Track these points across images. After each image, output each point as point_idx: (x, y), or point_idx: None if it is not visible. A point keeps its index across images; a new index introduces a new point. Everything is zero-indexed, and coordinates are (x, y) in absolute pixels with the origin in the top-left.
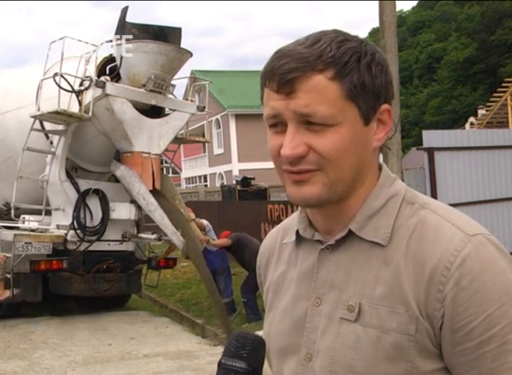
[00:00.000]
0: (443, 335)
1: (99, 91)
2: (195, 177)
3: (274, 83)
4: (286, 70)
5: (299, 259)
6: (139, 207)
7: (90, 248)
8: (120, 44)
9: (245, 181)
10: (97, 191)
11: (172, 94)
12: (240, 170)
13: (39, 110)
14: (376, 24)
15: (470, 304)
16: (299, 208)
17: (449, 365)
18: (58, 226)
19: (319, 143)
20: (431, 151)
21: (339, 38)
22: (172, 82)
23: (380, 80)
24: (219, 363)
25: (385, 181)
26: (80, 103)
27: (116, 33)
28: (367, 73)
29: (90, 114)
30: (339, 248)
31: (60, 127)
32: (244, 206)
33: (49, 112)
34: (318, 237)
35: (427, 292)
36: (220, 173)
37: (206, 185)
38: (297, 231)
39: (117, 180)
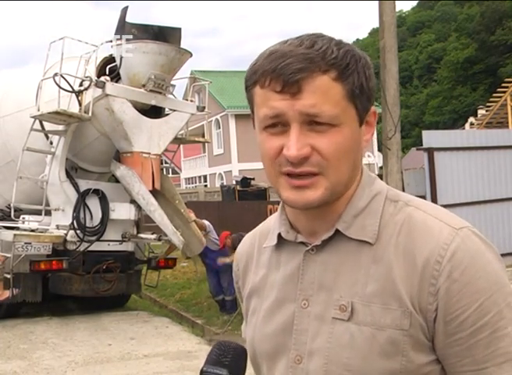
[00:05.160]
0: (437, 327)
1: (99, 91)
2: (195, 177)
3: (277, 83)
4: (293, 70)
5: (282, 262)
6: (139, 207)
7: (89, 248)
8: (120, 44)
9: (245, 181)
10: (97, 191)
11: (172, 94)
12: (239, 170)
13: (39, 110)
14: (376, 24)
15: (462, 295)
16: (278, 211)
17: (443, 356)
18: (57, 227)
19: (323, 144)
20: (431, 152)
21: (335, 41)
22: (172, 82)
23: (372, 83)
24: (201, 371)
25: (366, 181)
26: (80, 103)
27: (116, 34)
28: (363, 75)
29: (89, 114)
30: (325, 249)
31: (60, 127)
32: (244, 206)
33: (49, 113)
34: (301, 239)
35: (419, 286)
36: (220, 174)
37: (206, 185)
38: (279, 234)
39: (117, 181)
